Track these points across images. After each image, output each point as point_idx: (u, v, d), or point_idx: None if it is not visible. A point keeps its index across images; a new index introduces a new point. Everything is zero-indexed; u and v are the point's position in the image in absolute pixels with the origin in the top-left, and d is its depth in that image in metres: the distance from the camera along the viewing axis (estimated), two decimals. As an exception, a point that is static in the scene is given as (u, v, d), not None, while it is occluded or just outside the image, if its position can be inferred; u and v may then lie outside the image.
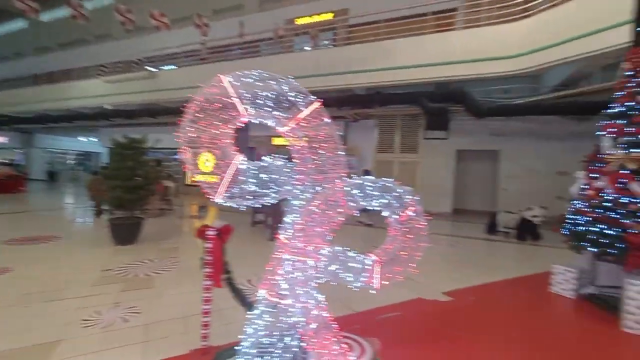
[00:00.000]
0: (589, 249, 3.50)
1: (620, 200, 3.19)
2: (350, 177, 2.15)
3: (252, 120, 2.13)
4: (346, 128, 13.40)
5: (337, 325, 1.88)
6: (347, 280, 1.84)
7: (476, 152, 11.87)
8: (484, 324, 3.16)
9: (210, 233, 2.48)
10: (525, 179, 10.58)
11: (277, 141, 13.62)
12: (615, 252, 3.18)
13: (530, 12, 7.90)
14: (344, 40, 11.98)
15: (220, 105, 2.06)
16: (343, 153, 2.24)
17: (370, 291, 1.86)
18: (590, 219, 3.43)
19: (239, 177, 2.05)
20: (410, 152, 12.41)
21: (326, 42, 12.98)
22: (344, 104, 11.47)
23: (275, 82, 2.09)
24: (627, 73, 3.46)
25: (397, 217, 1.91)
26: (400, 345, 2.67)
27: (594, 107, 6.78)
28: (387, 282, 1.88)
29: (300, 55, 12.03)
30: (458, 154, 11.85)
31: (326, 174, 2.18)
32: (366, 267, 1.84)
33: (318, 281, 1.87)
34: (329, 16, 13.23)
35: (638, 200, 3.07)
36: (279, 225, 2.15)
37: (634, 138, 3.23)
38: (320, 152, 2.19)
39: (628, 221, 3.07)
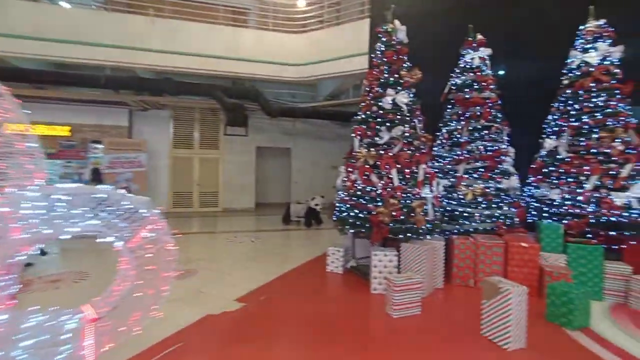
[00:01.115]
0: (349, 230, 4.23)
1: (366, 189, 4.00)
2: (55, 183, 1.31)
3: None
4: (131, 118, 10.95)
5: None
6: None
7: (273, 149, 12.79)
8: (274, 321, 3.11)
9: None
10: (310, 172, 12.40)
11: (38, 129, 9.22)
12: (365, 230, 3.97)
13: (307, 28, 9.13)
14: (119, 6, 9.54)
15: None
16: (35, 145, 1.35)
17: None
18: (349, 205, 4.14)
19: None
20: (211, 148, 11.73)
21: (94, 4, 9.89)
22: (123, 87, 9.23)
23: None
24: (366, 89, 4.41)
25: (126, 242, 1.30)
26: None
27: (350, 115, 8.76)
28: (113, 345, 1.24)
29: (47, 9, 8.53)
30: (258, 151, 12.33)
31: None
32: (69, 333, 1.13)
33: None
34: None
35: (377, 189, 3.94)
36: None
37: (371, 139, 4.14)
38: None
39: (371, 205, 3.90)
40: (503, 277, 3.84)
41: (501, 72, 5.53)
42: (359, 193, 4.06)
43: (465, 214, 4.44)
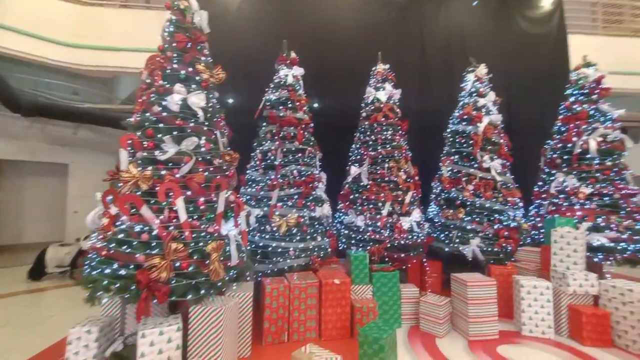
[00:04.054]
0: (103, 296, 2.62)
1: (134, 229, 2.58)
2: None
3: None
4: None
5: None
6: None
7: (35, 165, 8.76)
8: None
9: None
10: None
11: None
12: (130, 295, 2.49)
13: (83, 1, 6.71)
14: None
15: None
16: None
17: None
18: (104, 256, 2.56)
19: None
20: None
21: None
22: None
23: None
24: (145, 81, 3.07)
25: None
26: None
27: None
28: None
29: None
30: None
31: None
32: None
33: None
34: None
35: (150, 229, 2.59)
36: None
37: (148, 153, 2.80)
38: None
39: (140, 255, 2.50)
40: (317, 322, 3.33)
41: (315, 105, 5.60)
42: (121, 236, 2.57)
43: (279, 250, 3.76)
